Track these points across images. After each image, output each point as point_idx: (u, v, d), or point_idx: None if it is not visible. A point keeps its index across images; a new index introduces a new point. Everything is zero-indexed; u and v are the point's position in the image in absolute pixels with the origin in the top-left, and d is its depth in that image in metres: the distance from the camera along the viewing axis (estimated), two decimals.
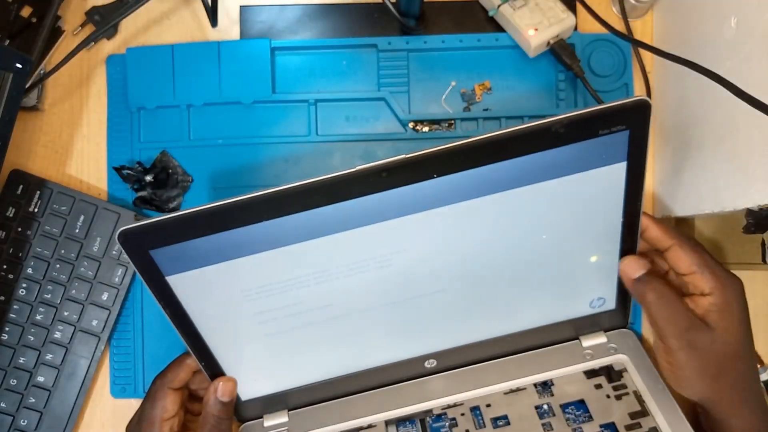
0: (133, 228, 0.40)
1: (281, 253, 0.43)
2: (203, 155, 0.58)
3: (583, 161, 0.42)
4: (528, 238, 0.46)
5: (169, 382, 0.50)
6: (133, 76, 0.58)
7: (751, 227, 0.46)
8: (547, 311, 0.52)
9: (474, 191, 0.42)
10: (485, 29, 0.59)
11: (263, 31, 0.60)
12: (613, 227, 0.47)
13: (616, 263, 0.49)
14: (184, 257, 0.42)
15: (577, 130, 0.40)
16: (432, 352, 0.52)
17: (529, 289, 0.50)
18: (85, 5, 0.59)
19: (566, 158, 0.42)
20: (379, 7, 0.59)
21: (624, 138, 0.41)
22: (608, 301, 0.52)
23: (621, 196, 0.45)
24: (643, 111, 0.41)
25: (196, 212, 0.40)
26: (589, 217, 0.46)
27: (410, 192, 0.41)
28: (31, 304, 0.56)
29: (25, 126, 0.59)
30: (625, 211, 0.46)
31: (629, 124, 0.41)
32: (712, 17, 0.47)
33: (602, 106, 0.40)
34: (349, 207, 0.41)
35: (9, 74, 0.50)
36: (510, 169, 0.41)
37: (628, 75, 0.58)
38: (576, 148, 0.41)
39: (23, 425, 0.56)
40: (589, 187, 0.44)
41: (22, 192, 0.57)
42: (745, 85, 0.38)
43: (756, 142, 0.42)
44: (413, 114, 0.58)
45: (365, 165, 0.39)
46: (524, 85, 0.59)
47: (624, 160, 0.43)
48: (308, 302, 0.46)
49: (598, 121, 0.40)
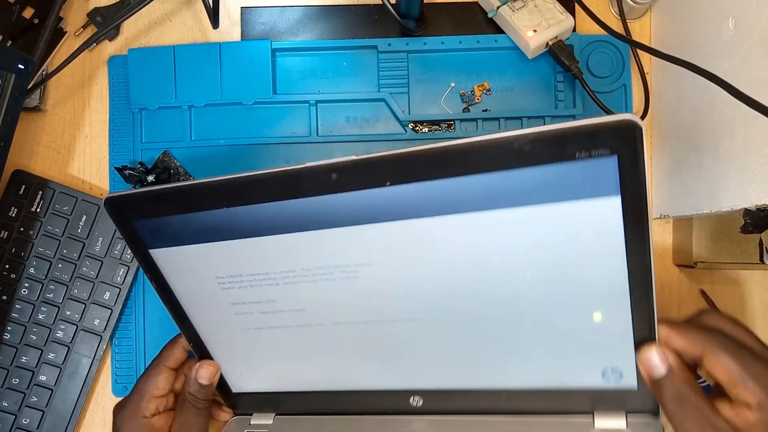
0: (117, 196, 0.43)
1: (246, 244, 0.43)
2: (205, 156, 0.58)
3: (564, 189, 0.35)
4: (509, 276, 0.40)
5: (164, 360, 0.50)
6: (134, 77, 0.58)
7: (748, 227, 0.46)
8: (547, 371, 0.44)
9: (437, 208, 0.38)
10: (484, 31, 0.59)
11: (264, 33, 0.60)
12: (618, 282, 0.39)
13: (629, 330, 0.40)
14: (165, 233, 0.44)
15: (546, 149, 0.34)
16: (417, 389, 0.48)
17: (523, 338, 0.43)
18: (87, 6, 0.60)
19: (540, 182, 0.35)
20: (379, 9, 0.60)
21: (612, 165, 0.34)
22: (626, 377, 0.43)
23: (620, 241, 0.37)
24: (631, 132, 0.33)
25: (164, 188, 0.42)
26: (582, 261, 0.39)
27: (368, 199, 0.39)
28: (34, 303, 0.57)
29: (27, 126, 0.59)
30: (630, 264, 0.38)
31: (615, 148, 0.33)
32: (711, 18, 0.48)
33: (576, 123, 0.33)
34: (309, 206, 0.40)
35: (11, 75, 0.50)
36: (476, 187, 0.36)
37: (626, 76, 0.59)
38: (550, 171, 0.35)
39: (25, 424, 0.56)
40: (576, 223, 0.37)
41: (24, 192, 0.57)
42: (743, 85, 0.38)
43: (754, 142, 0.42)
44: (413, 115, 0.58)
45: (315, 162, 0.38)
46: (523, 86, 0.59)
47: (617, 195, 0.35)
48: (280, 302, 0.46)
49: (571, 140, 0.33)
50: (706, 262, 0.54)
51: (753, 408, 0.37)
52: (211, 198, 0.41)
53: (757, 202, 0.42)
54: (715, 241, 0.54)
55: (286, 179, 0.39)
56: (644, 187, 0.34)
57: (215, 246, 0.44)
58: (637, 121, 0.32)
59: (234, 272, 0.45)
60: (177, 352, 0.51)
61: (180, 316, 0.48)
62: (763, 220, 0.45)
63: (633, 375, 0.43)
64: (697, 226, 0.55)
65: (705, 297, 0.58)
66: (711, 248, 0.54)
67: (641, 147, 0.33)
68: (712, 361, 0.38)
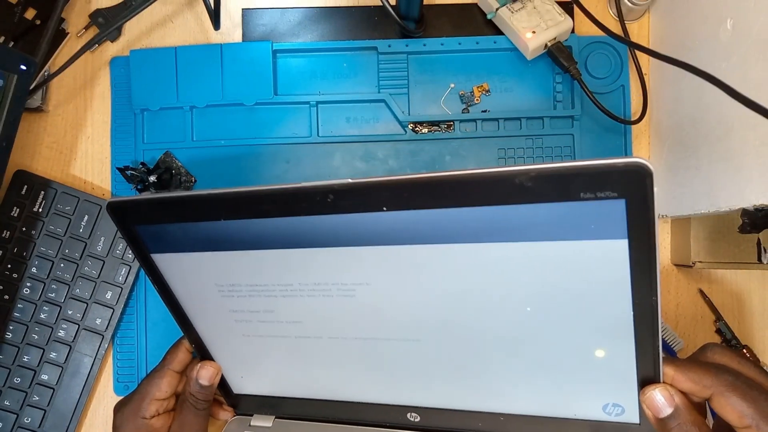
0: (119, 201, 0.43)
1: (245, 256, 0.43)
2: (206, 156, 0.59)
3: (567, 228, 0.34)
4: (509, 306, 0.39)
5: (168, 363, 0.50)
6: (136, 78, 0.59)
7: (746, 227, 0.46)
8: (545, 401, 0.44)
9: (440, 236, 0.37)
10: (484, 32, 0.59)
11: (265, 34, 0.60)
12: (622, 322, 0.37)
13: (633, 369, 0.39)
14: (166, 239, 0.44)
15: (549, 187, 0.32)
16: (414, 405, 0.48)
17: (520, 366, 0.43)
18: (89, 8, 0.60)
19: (544, 219, 0.34)
20: (379, 11, 0.60)
21: (620, 209, 0.32)
22: (628, 412, 0.42)
23: (626, 283, 0.35)
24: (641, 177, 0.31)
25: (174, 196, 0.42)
26: (586, 300, 0.37)
27: (369, 222, 0.38)
28: (36, 302, 0.57)
29: (29, 127, 0.60)
30: (635, 305, 0.36)
31: (623, 192, 0.32)
32: (709, 19, 0.48)
33: (581, 163, 0.31)
34: (310, 224, 0.39)
35: (13, 76, 0.50)
36: (478, 218, 0.35)
37: (624, 77, 0.59)
38: (554, 209, 0.33)
39: (27, 423, 0.56)
40: (581, 262, 0.36)
41: (26, 192, 0.57)
42: (741, 86, 0.38)
43: (751, 142, 0.42)
44: (413, 115, 0.59)
45: (312, 183, 0.37)
46: (522, 87, 0.59)
47: (624, 238, 0.33)
48: (278, 313, 0.46)
49: (575, 180, 0.32)
50: (704, 261, 0.55)
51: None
52: (211, 210, 0.41)
53: (754, 202, 0.42)
54: (713, 241, 0.54)
55: (285, 197, 0.39)
56: (654, 231, 0.33)
57: (215, 255, 0.44)
58: (648, 164, 0.30)
59: (233, 281, 0.45)
60: (181, 355, 0.51)
61: (182, 318, 0.49)
62: (761, 220, 0.45)
63: (635, 411, 0.42)
64: (695, 226, 0.55)
65: (703, 297, 0.58)
66: (709, 248, 0.55)
67: (651, 192, 0.31)
68: (722, 402, 0.36)
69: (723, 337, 0.58)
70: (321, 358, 0.48)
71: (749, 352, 0.58)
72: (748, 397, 0.36)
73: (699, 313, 0.59)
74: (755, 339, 0.59)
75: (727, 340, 0.58)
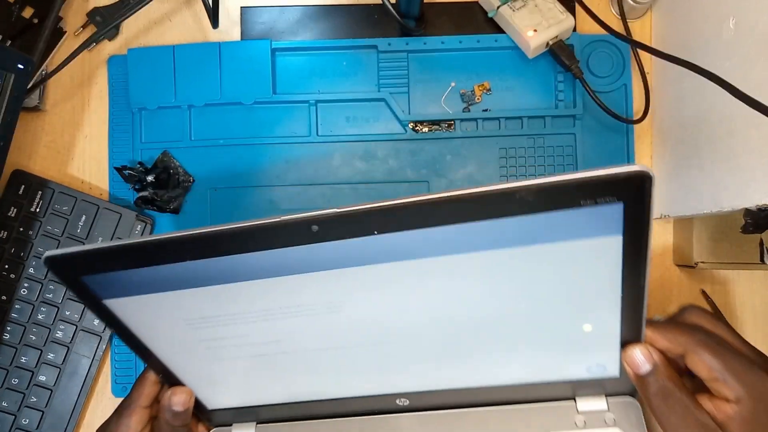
0: (60, 255, 0.37)
1: (216, 290, 0.40)
2: (204, 156, 0.58)
3: (563, 231, 0.35)
4: (504, 306, 0.40)
5: (135, 400, 0.47)
6: (134, 77, 0.58)
7: (749, 227, 0.46)
8: (535, 371, 0.46)
9: (432, 249, 0.36)
10: (485, 30, 0.59)
11: (264, 32, 0.60)
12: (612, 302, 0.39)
13: (617, 335, 0.42)
14: (118, 284, 0.39)
15: (551, 199, 0.33)
16: (403, 392, 0.48)
17: (512, 348, 0.44)
18: (87, 6, 0.60)
19: (541, 226, 0.34)
20: (379, 9, 0.60)
21: (618, 210, 0.33)
22: (610, 369, 0.45)
23: (618, 271, 0.37)
24: (641, 184, 0.31)
25: (121, 246, 0.37)
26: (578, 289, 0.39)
27: (356, 246, 0.36)
28: (33, 303, 0.57)
29: (26, 126, 0.59)
30: (625, 287, 0.38)
31: (623, 196, 0.32)
32: (711, 18, 0.48)
33: (583, 175, 0.31)
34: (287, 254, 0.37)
35: (11, 75, 0.50)
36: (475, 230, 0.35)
37: (626, 76, 0.59)
38: (551, 218, 0.34)
39: (25, 424, 0.56)
40: (575, 260, 0.37)
41: (23, 192, 0.57)
42: (744, 85, 0.38)
43: (754, 142, 0.42)
44: (413, 114, 0.58)
45: (293, 216, 0.34)
46: (523, 85, 0.59)
47: (619, 234, 0.34)
48: (255, 336, 0.43)
49: (578, 191, 0.32)
50: (707, 262, 0.54)
51: (732, 402, 0.39)
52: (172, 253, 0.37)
53: (757, 201, 0.42)
54: (716, 241, 0.54)
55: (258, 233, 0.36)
56: (648, 229, 0.34)
57: (179, 294, 0.40)
58: (649, 171, 0.31)
59: (204, 315, 0.42)
60: (147, 389, 0.48)
61: (145, 353, 0.45)
62: (764, 220, 0.45)
63: (616, 367, 0.44)
64: (697, 226, 0.55)
65: (705, 297, 0.58)
66: (711, 248, 0.54)
67: (650, 197, 0.32)
68: (693, 358, 0.40)
69: None
70: (303, 368, 0.46)
71: None
72: (716, 352, 0.39)
73: None
74: (758, 339, 0.58)
75: None
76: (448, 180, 0.58)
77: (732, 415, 0.39)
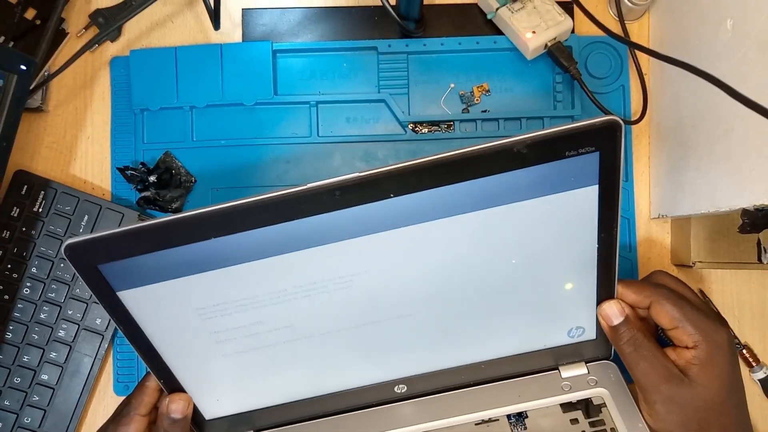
0: (80, 241, 0.38)
1: (234, 271, 0.41)
2: (206, 156, 0.59)
3: (551, 184, 0.39)
4: (497, 263, 0.43)
5: (134, 408, 0.48)
6: (136, 78, 0.59)
7: (746, 227, 0.46)
8: (522, 339, 0.49)
9: (435, 212, 0.40)
10: (484, 32, 0.60)
11: (265, 34, 0.60)
12: (589, 255, 0.44)
13: (594, 293, 0.46)
14: (135, 273, 0.40)
15: (541, 151, 0.37)
16: (402, 377, 0.50)
17: (502, 315, 0.47)
18: (89, 7, 0.60)
19: (532, 180, 0.39)
20: (379, 11, 0.60)
21: (594, 160, 0.38)
22: (588, 331, 0.49)
23: (594, 221, 0.42)
24: (613, 131, 0.37)
25: (142, 227, 0.38)
26: (562, 242, 0.43)
27: (367, 211, 0.39)
28: (36, 302, 0.57)
29: (29, 127, 0.60)
30: (600, 238, 0.43)
31: (599, 145, 0.38)
32: (709, 19, 0.48)
33: (567, 126, 0.37)
34: (302, 226, 0.39)
35: (13, 76, 0.50)
36: (472, 190, 0.39)
37: (624, 77, 0.59)
38: (541, 170, 0.38)
39: (27, 423, 0.56)
40: (559, 211, 0.41)
41: (26, 192, 0.57)
42: (741, 86, 0.38)
43: (751, 142, 0.43)
44: (413, 115, 0.59)
45: (316, 183, 0.37)
46: (522, 87, 0.59)
47: (595, 183, 0.40)
48: (267, 323, 0.44)
49: (563, 141, 0.37)
50: (704, 262, 0.55)
51: (690, 348, 0.44)
52: (195, 231, 0.38)
53: (755, 202, 0.42)
54: (714, 241, 0.54)
55: (282, 204, 0.37)
56: (618, 176, 0.39)
57: (195, 278, 0.41)
58: (619, 120, 0.37)
59: (218, 301, 0.42)
60: (146, 398, 0.48)
61: (149, 353, 0.45)
62: (761, 220, 0.45)
63: (593, 329, 0.49)
64: (695, 226, 0.55)
65: (703, 297, 0.58)
66: (709, 248, 0.55)
67: (620, 142, 0.38)
68: (657, 309, 0.45)
69: None
70: (309, 356, 0.47)
71: (749, 351, 0.58)
72: (677, 304, 0.44)
73: None
74: (755, 339, 0.59)
75: None
76: None
77: (691, 359, 0.44)
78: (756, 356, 0.58)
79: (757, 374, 0.58)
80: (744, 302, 0.59)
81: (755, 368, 0.58)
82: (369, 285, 0.43)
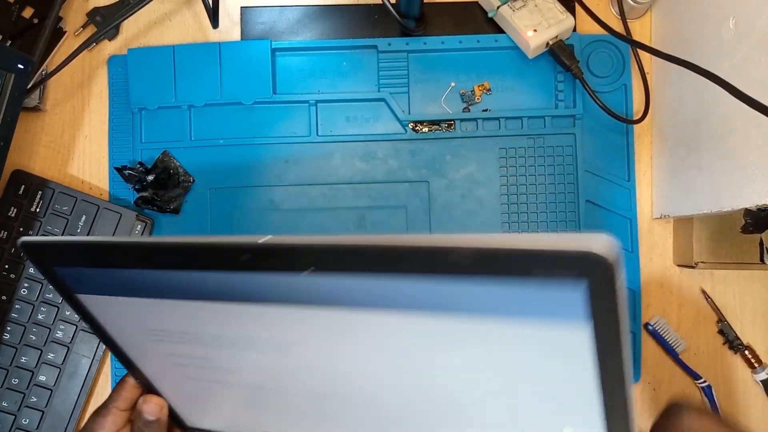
0: (33, 242, 0.38)
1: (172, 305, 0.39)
2: (204, 155, 0.58)
3: (513, 306, 0.29)
4: (457, 383, 0.35)
5: (113, 401, 0.47)
6: (134, 77, 0.58)
7: (749, 227, 0.46)
8: None
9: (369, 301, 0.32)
10: (485, 30, 0.59)
11: (264, 32, 0.60)
12: (590, 406, 0.33)
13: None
14: (88, 281, 0.40)
15: (488, 264, 0.27)
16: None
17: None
18: (87, 6, 0.60)
19: (482, 295, 0.29)
20: (379, 9, 0.60)
21: (579, 290, 0.26)
22: None
23: (590, 366, 0.30)
24: (598, 265, 0.25)
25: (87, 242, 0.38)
26: (551, 388, 0.33)
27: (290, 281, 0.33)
28: (33, 303, 0.56)
29: (27, 126, 0.59)
30: (605, 391, 0.32)
31: (584, 272, 0.26)
32: (711, 18, 0.48)
33: (534, 246, 0.25)
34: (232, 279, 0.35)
35: (11, 75, 0.50)
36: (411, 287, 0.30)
37: (626, 76, 0.59)
38: (495, 285, 0.28)
39: (25, 424, 0.56)
40: (535, 344, 0.31)
41: (23, 192, 0.57)
42: (744, 85, 0.38)
43: (754, 142, 0.42)
44: (413, 114, 0.58)
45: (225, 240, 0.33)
46: (523, 85, 0.59)
47: (583, 318, 0.28)
48: (216, 362, 0.42)
49: (529, 260, 0.26)
50: (707, 262, 0.54)
51: None
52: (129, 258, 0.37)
53: (757, 201, 0.42)
54: (716, 241, 0.54)
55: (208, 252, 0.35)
56: (617, 318, 0.28)
57: (139, 301, 0.40)
58: (602, 256, 0.24)
59: (162, 327, 0.41)
60: (126, 393, 0.47)
61: (121, 356, 0.45)
62: (764, 220, 0.45)
63: None
64: (697, 226, 0.55)
65: (706, 297, 0.58)
66: (711, 248, 0.54)
67: (613, 278, 0.26)
68: None
69: (725, 338, 0.58)
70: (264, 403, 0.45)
71: (751, 352, 0.57)
72: None
73: (701, 313, 0.59)
74: (757, 339, 0.58)
75: (729, 341, 0.58)
76: (448, 180, 0.58)
77: None
78: (758, 357, 0.58)
79: (760, 375, 0.57)
80: (746, 303, 0.59)
81: (757, 369, 0.57)
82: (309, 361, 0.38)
